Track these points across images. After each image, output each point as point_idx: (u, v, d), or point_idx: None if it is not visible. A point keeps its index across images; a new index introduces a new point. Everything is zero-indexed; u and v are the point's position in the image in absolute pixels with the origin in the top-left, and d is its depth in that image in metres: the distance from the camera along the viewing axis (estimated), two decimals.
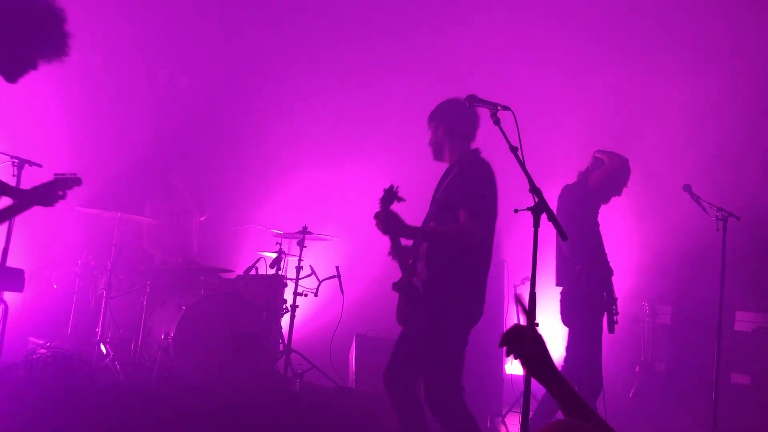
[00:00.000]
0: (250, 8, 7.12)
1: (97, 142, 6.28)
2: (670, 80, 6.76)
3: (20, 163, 4.25)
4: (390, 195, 3.41)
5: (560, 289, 4.64)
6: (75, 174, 3.63)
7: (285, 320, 5.59)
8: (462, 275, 3.39)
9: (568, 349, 4.50)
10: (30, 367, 4.09)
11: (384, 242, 3.68)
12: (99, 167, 5.96)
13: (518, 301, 1.85)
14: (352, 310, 5.69)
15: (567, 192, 4.63)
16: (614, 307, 4.55)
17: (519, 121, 2.84)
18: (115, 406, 4.03)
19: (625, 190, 4.66)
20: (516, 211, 2.83)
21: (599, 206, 4.62)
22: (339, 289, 5.52)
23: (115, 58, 6.80)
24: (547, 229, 2.84)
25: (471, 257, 3.42)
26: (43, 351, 4.37)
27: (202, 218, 6.25)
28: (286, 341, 5.48)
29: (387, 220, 3.35)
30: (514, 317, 6.54)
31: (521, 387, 5.88)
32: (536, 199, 2.72)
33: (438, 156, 3.68)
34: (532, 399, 2.85)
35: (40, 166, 4.30)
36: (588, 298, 4.40)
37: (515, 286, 6.61)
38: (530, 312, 2.72)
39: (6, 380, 4.02)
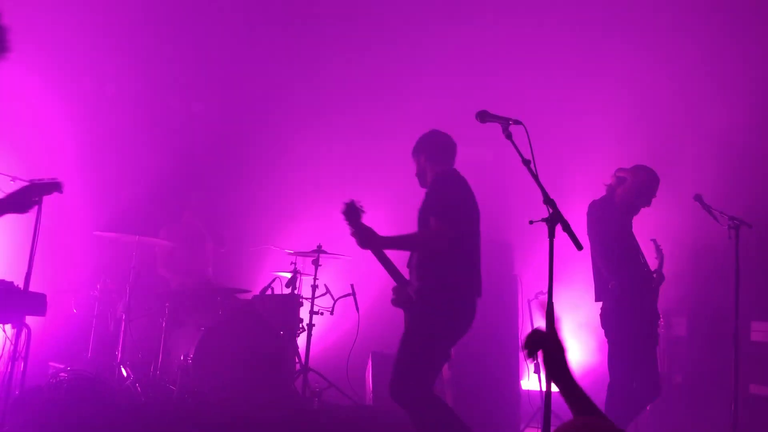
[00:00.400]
0: (264, 34, 7.25)
1: (114, 168, 6.40)
2: (684, 89, 6.79)
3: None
4: (353, 210, 3.71)
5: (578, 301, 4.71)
6: (55, 179, 3.63)
7: (301, 339, 5.62)
8: (450, 283, 3.63)
9: (609, 362, 4.54)
10: (54, 390, 4.15)
11: (398, 258, 3.85)
12: (116, 192, 6.07)
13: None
14: (367, 327, 5.71)
15: (594, 208, 4.70)
16: (655, 319, 4.59)
17: (539, 132, 2.92)
18: (136, 427, 4.08)
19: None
20: (531, 222, 2.88)
21: (630, 219, 4.67)
22: (354, 307, 5.56)
23: (130, 86, 6.96)
24: (565, 242, 2.90)
25: (457, 266, 3.66)
26: (65, 374, 4.42)
27: (222, 249, 6.37)
28: (303, 360, 5.51)
29: (361, 235, 3.63)
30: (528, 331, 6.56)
31: (538, 402, 5.91)
32: (550, 210, 2.77)
33: (423, 183, 4.01)
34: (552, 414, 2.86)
35: (60, 191, 4.39)
36: (624, 313, 4.44)
37: (529, 301, 6.63)
38: (549, 320, 2.77)
39: (31, 403, 4.08)
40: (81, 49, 6.44)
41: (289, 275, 5.64)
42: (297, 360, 5.59)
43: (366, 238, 3.64)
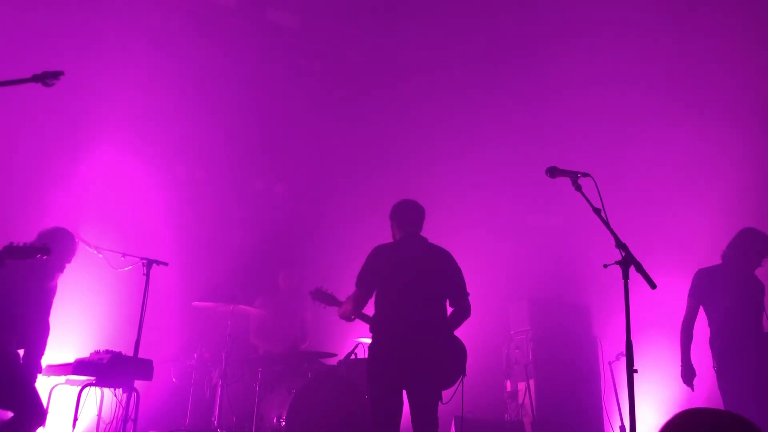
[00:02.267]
0: (336, 114, 7.80)
1: (208, 244, 6.90)
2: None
3: (149, 263, 4.76)
4: (321, 294, 4.83)
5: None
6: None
7: None
8: (373, 338, 4.24)
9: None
10: None
11: (472, 323, 4.36)
12: (211, 267, 6.52)
13: None
14: (450, 390, 5.78)
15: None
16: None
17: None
18: None
19: None
20: (605, 266, 3.04)
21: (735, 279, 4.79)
22: None
23: (217, 169, 7.56)
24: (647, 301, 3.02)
25: (378, 322, 4.22)
26: None
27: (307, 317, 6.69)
28: None
29: (339, 310, 4.56)
30: (612, 396, 6.47)
31: None
32: (623, 254, 2.94)
33: None
34: None
35: (166, 264, 4.83)
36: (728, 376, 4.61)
37: (610, 363, 6.59)
38: (629, 359, 2.90)
39: None
40: (173, 138, 7.09)
41: (370, 341, 5.83)
42: None
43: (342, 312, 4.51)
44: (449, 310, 4.38)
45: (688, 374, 4.66)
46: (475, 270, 7.23)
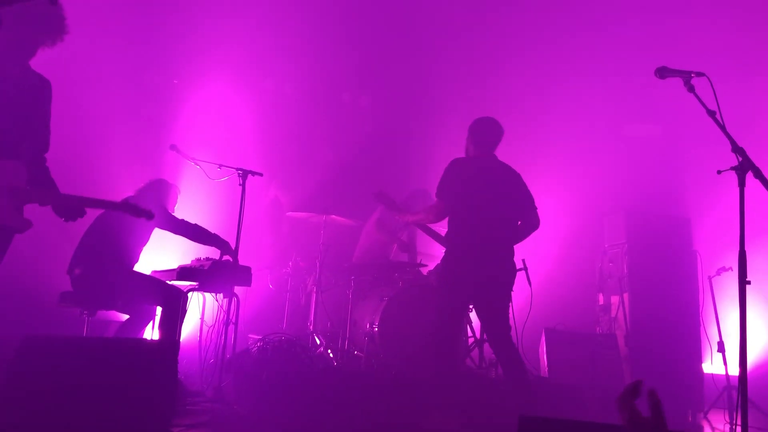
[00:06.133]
0: (423, 28, 7.57)
1: (298, 157, 7.00)
2: None
3: (244, 174, 4.86)
4: (382, 196, 4.71)
5: None
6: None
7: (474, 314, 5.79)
8: (450, 246, 4.35)
9: None
10: (261, 352, 4.64)
11: (564, 236, 4.13)
12: (304, 178, 6.63)
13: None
14: (539, 302, 5.76)
15: None
16: None
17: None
18: (331, 386, 4.46)
19: None
20: (719, 172, 2.86)
21: None
22: (527, 282, 5.63)
23: (305, 85, 7.57)
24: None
25: (456, 232, 4.31)
26: (271, 338, 4.90)
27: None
28: (477, 334, 5.67)
29: (399, 213, 4.69)
30: (710, 312, 6.26)
31: (723, 384, 5.64)
32: (740, 159, 2.75)
33: None
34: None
35: (261, 174, 4.92)
36: None
37: (710, 278, 6.35)
38: (742, 270, 2.75)
39: (242, 363, 4.61)
40: (263, 54, 7.10)
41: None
42: (471, 333, 5.78)
43: (404, 218, 4.68)
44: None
45: None
46: (569, 183, 7.06)
